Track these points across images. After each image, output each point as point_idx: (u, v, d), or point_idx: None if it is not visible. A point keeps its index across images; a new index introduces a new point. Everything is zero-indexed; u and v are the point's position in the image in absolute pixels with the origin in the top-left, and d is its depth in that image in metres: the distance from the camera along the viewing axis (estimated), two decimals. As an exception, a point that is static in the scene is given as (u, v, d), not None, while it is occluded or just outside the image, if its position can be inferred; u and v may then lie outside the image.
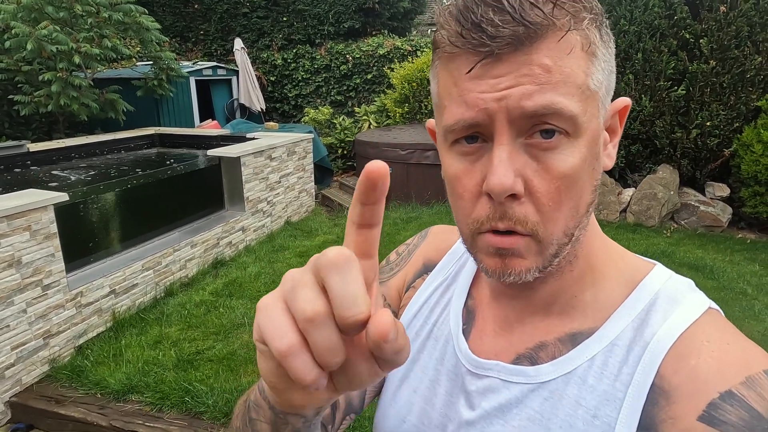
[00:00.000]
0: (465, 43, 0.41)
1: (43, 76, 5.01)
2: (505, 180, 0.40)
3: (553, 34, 0.40)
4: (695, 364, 0.42)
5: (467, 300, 0.60)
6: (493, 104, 0.41)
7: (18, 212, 2.70)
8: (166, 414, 2.63)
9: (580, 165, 0.43)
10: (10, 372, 2.73)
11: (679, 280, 0.49)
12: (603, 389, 0.45)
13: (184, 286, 3.96)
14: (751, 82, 4.87)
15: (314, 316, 0.29)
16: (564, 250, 0.46)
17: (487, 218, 0.44)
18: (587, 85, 0.42)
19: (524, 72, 0.40)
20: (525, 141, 0.42)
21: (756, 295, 3.82)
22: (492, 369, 0.52)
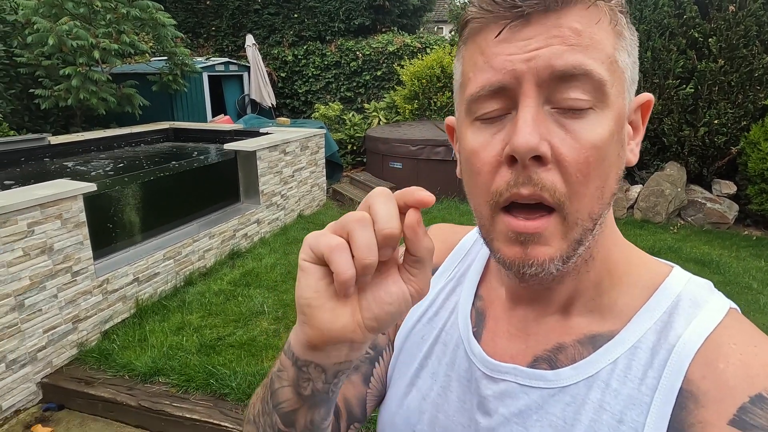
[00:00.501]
0: (496, 7, 0.41)
1: (63, 70, 5.13)
2: (530, 138, 0.39)
3: (582, 2, 0.40)
4: (724, 368, 0.41)
5: (476, 301, 0.58)
6: (521, 65, 0.40)
7: (51, 201, 2.81)
8: (191, 395, 2.74)
9: (609, 138, 0.41)
10: (41, 354, 2.85)
11: (699, 283, 0.49)
12: (628, 393, 0.44)
13: (203, 275, 4.08)
14: (759, 81, 4.94)
15: (361, 218, 0.37)
16: (587, 239, 0.44)
17: (508, 186, 0.42)
18: (615, 58, 0.42)
19: (554, 33, 0.40)
20: (552, 108, 0.41)
21: (761, 289, 3.90)
22: (509, 373, 0.50)
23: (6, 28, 5.63)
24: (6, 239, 2.59)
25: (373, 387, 0.62)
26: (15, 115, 5.75)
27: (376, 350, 0.62)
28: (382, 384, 0.62)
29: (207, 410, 2.62)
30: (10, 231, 2.61)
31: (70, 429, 2.70)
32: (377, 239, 0.36)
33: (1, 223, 2.56)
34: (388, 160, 6.43)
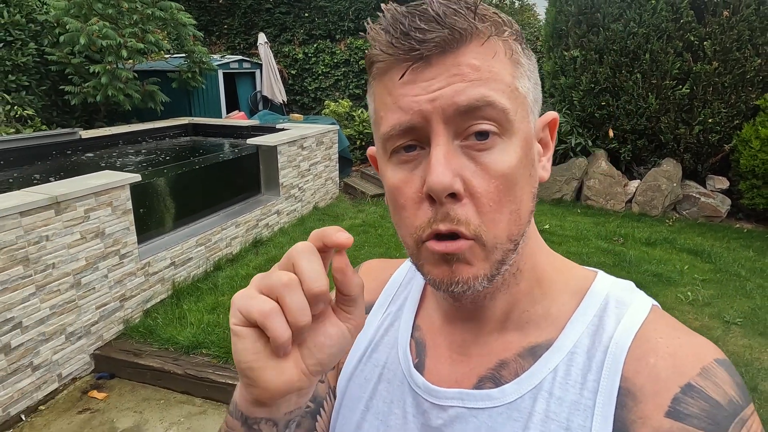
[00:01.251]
0: (396, 51, 0.42)
1: (93, 68, 5.41)
2: (443, 178, 0.41)
3: (477, 38, 0.42)
4: (654, 362, 0.43)
5: (414, 332, 0.58)
6: (426, 105, 0.42)
7: (103, 190, 3.11)
8: (231, 365, 3.04)
9: (517, 165, 0.43)
10: (94, 328, 3.15)
11: (622, 284, 0.51)
12: (571, 399, 0.45)
13: (230, 261, 4.38)
14: (751, 82, 5.24)
15: (288, 282, 0.37)
16: (510, 258, 0.45)
17: (429, 222, 0.43)
18: (515, 86, 0.44)
19: (454, 72, 0.42)
20: (462, 143, 0.43)
21: (749, 276, 4.21)
22: (455, 398, 0.50)
23: (37, 28, 5.91)
24: (67, 223, 2.88)
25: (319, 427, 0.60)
26: (45, 111, 6.04)
27: (317, 402, 0.59)
28: (327, 422, 0.61)
29: (247, 377, 2.92)
30: (70, 216, 2.90)
31: (123, 395, 3.00)
32: (308, 298, 0.37)
33: (63, 209, 2.85)
34: (397, 156, 6.72)
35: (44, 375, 2.85)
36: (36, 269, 2.72)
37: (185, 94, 7.34)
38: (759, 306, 3.71)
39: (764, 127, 5.15)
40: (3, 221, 2.52)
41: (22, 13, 5.83)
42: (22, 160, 4.63)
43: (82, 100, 5.75)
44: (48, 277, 2.79)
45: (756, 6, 5.01)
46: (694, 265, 4.44)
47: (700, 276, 4.19)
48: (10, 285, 2.59)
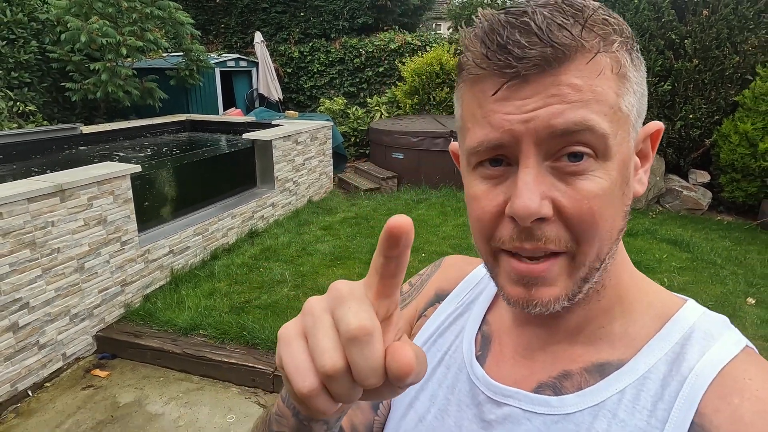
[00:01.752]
0: (490, 65, 0.40)
1: (93, 65, 5.57)
2: (530, 203, 0.39)
3: (582, 56, 0.39)
4: (738, 403, 0.40)
5: (482, 326, 0.58)
6: (519, 126, 0.40)
7: (105, 179, 3.27)
8: (227, 345, 3.21)
9: (611, 188, 0.41)
10: (96, 311, 3.31)
11: (714, 317, 0.47)
12: (635, 424, 0.42)
13: (226, 251, 4.54)
14: (730, 79, 5.42)
15: (333, 373, 0.31)
16: (593, 276, 0.44)
17: (510, 239, 0.42)
18: (619, 106, 0.41)
19: (552, 92, 0.39)
20: (552, 164, 0.41)
21: (724, 264, 4.40)
22: (512, 397, 0.49)
23: (38, 26, 6.07)
24: (72, 210, 3.05)
25: (381, 414, 0.62)
26: (46, 107, 6.20)
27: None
28: (388, 409, 0.61)
29: (242, 356, 3.09)
30: (74, 203, 3.07)
31: (124, 373, 3.16)
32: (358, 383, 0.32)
33: (68, 196, 3.02)
34: (390, 151, 6.89)
35: (50, 354, 3.01)
36: (42, 253, 2.89)
37: (183, 92, 7.51)
38: (731, 291, 3.89)
39: (743, 123, 5.33)
40: (12, 207, 2.69)
41: (25, 11, 5.99)
42: (24, 153, 4.78)
43: (82, 97, 5.91)
44: (53, 260, 2.96)
45: (734, 6, 5.19)
46: (672, 254, 4.62)
47: (677, 264, 4.37)
48: (18, 267, 2.76)
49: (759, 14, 5.19)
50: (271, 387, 2.97)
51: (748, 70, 5.38)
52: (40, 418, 2.74)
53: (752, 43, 5.25)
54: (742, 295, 3.84)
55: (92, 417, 2.76)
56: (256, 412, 2.80)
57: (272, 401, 2.28)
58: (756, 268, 4.34)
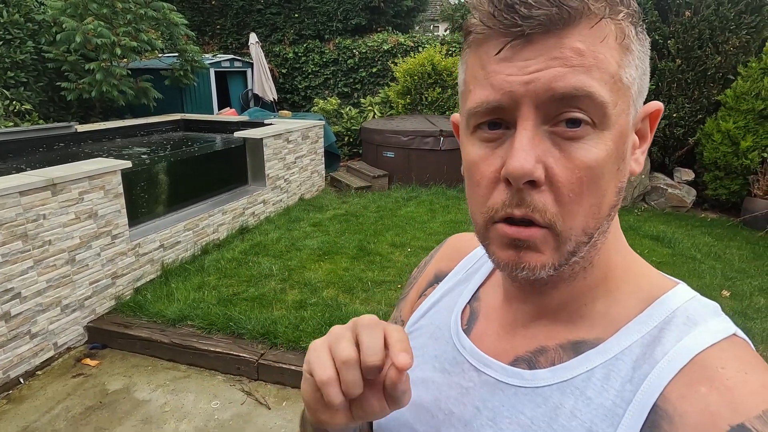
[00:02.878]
0: (496, 23, 0.40)
1: (89, 65, 5.67)
2: (525, 163, 0.40)
3: (587, 19, 0.40)
4: (706, 392, 0.39)
5: (472, 301, 0.60)
6: (519, 88, 0.40)
7: (96, 174, 3.37)
8: (214, 335, 3.30)
9: (605, 159, 0.41)
10: (87, 303, 3.41)
11: (703, 302, 0.46)
12: (601, 403, 0.43)
13: (217, 246, 4.64)
14: (712, 78, 5.54)
15: (347, 360, 0.42)
16: (581, 250, 0.44)
17: (503, 205, 0.43)
18: (620, 76, 0.41)
19: (555, 55, 0.39)
20: (550, 128, 0.41)
21: (703, 259, 4.50)
22: (490, 366, 0.51)
23: (34, 27, 6.18)
24: (63, 204, 3.14)
25: None
26: (42, 106, 6.30)
27: None
28: None
29: (228, 345, 3.19)
30: (65, 197, 3.16)
31: (114, 362, 3.26)
32: (362, 369, 0.42)
33: (59, 190, 3.12)
34: (381, 150, 7.00)
35: (41, 343, 3.11)
36: (34, 245, 2.98)
37: (178, 92, 7.61)
38: (707, 284, 3.99)
39: (725, 122, 5.44)
40: (4, 199, 2.79)
41: (21, 12, 6.10)
42: (20, 151, 4.88)
43: (77, 96, 6.01)
44: (45, 252, 3.05)
45: (715, 7, 5.30)
46: (653, 249, 4.73)
47: (657, 259, 4.48)
48: (10, 258, 2.85)
49: (740, 15, 5.30)
50: (255, 375, 3.06)
51: (730, 69, 5.49)
52: (31, 404, 2.83)
53: (733, 44, 5.37)
54: (718, 288, 3.94)
55: (81, 403, 2.85)
56: (240, 399, 2.90)
57: (256, 388, 2.37)
58: (734, 262, 4.44)
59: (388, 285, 3.93)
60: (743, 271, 4.26)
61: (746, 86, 5.27)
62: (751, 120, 5.31)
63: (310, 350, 0.45)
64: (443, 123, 7.08)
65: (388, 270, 4.20)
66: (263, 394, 2.94)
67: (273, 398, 2.91)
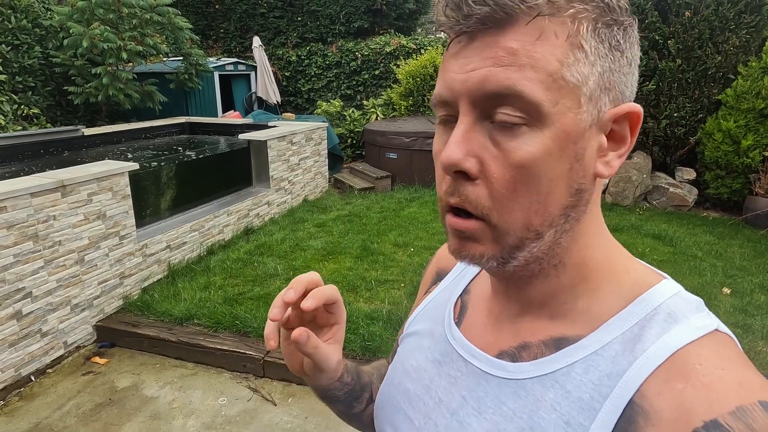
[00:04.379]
0: (446, 22, 0.43)
1: (95, 70, 5.76)
2: (452, 154, 0.41)
3: (523, 18, 0.40)
4: (682, 388, 0.39)
5: (463, 294, 0.62)
6: (458, 85, 0.42)
7: (104, 176, 3.43)
8: (220, 333, 3.36)
9: (542, 156, 0.41)
10: (96, 302, 3.47)
11: (685, 298, 0.46)
12: (579, 396, 0.44)
13: (222, 247, 4.70)
14: (713, 78, 5.56)
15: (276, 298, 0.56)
16: (529, 246, 0.45)
17: (445, 193, 0.45)
18: (561, 74, 0.41)
19: (489, 54, 0.41)
20: (489, 124, 0.42)
21: (704, 257, 4.53)
22: (476, 357, 0.53)
23: (42, 32, 6.27)
24: (72, 205, 3.21)
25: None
26: (50, 110, 6.39)
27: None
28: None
29: (234, 343, 3.24)
30: (75, 198, 3.23)
31: (123, 360, 3.32)
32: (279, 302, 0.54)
33: (69, 192, 3.18)
34: (384, 151, 7.06)
35: (51, 341, 3.17)
36: (44, 245, 3.05)
37: (182, 95, 7.69)
38: (708, 282, 4.02)
39: (726, 121, 5.46)
40: (16, 200, 2.85)
41: (29, 18, 6.19)
42: (29, 154, 4.97)
43: (84, 100, 6.09)
44: (55, 252, 3.12)
45: (715, 7, 5.34)
46: (655, 248, 4.76)
47: (658, 257, 4.51)
48: (21, 258, 2.92)
49: (739, 15, 5.33)
50: (261, 372, 3.12)
51: (730, 69, 5.52)
52: (42, 401, 2.90)
53: (733, 43, 5.40)
54: (719, 285, 3.97)
55: (91, 400, 2.91)
56: (246, 395, 2.95)
57: (262, 385, 2.46)
58: (735, 260, 4.47)
59: (391, 284, 3.98)
60: (744, 268, 4.28)
61: (746, 85, 5.30)
62: (751, 119, 5.33)
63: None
64: (445, 124, 7.11)
65: (391, 269, 4.25)
66: (269, 390, 2.99)
67: (279, 395, 2.96)
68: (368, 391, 0.71)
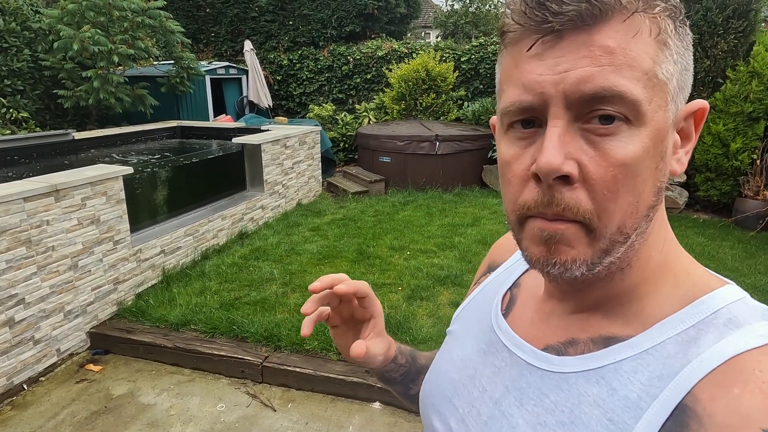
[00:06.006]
0: (528, 21, 0.41)
1: (86, 73, 5.69)
2: (553, 159, 0.40)
3: (619, 14, 0.39)
4: (739, 393, 0.37)
5: (512, 287, 0.62)
6: (549, 87, 0.40)
7: (98, 180, 3.39)
8: (217, 339, 3.32)
9: (642, 155, 0.40)
10: (90, 308, 3.42)
11: (751, 304, 0.44)
12: (626, 395, 0.43)
13: (217, 251, 4.66)
14: (702, 82, 5.65)
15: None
16: (616, 250, 0.43)
17: (535, 203, 0.43)
18: (654, 72, 0.40)
19: (584, 53, 0.39)
20: (582, 125, 0.41)
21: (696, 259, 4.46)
22: (521, 349, 0.53)
23: (31, 35, 6.18)
24: (66, 210, 3.16)
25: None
26: (39, 114, 6.30)
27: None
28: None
29: (232, 348, 3.21)
30: (68, 203, 3.18)
31: (118, 367, 3.27)
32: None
33: (62, 196, 3.13)
34: (377, 155, 7.05)
35: (44, 349, 3.11)
36: (37, 250, 3.00)
37: (174, 99, 7.63)
38: (701, 283, 4.06)
39: (715, 124, 5.55)
40: (8, 205, 2.80)
41: (17, 21, 6.11)
42: (18, 158, 4.89)
43: (74, 104, 6.02)
44: (48, 258, 3.07)
45: (704, 12, 5.42)
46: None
47: (652, 259, 4.55)
48: (14, 264, 2.86)
49: (727, 20, 5.42)
50: (259, 378, 3.08)
51: (719, 73, 5.61)
52: (35, 410, 2.83)
53: (722, 48, 5.48)
54: (712, 286, 4.01)
55: (86, 408, 2.86)
56: (245, 401, 2.92)
57: (260, 391, 2.43)
58: (727, 262, 4.53)
59: (389, 287, 3.97)
60: (736, 270, 4.34)
61: (735, 89, 5.39)
62: (740, 122, 5.42)
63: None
64: (438, 128, 7.15)
65: (387, 273, 4.24)
66: (268, 396, 2.96)
67: (278, 400, 2.93)
68: (425, 373, 0.72)
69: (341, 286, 0.60)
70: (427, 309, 3.63)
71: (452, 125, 7.54)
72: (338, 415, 2.81)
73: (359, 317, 0.68)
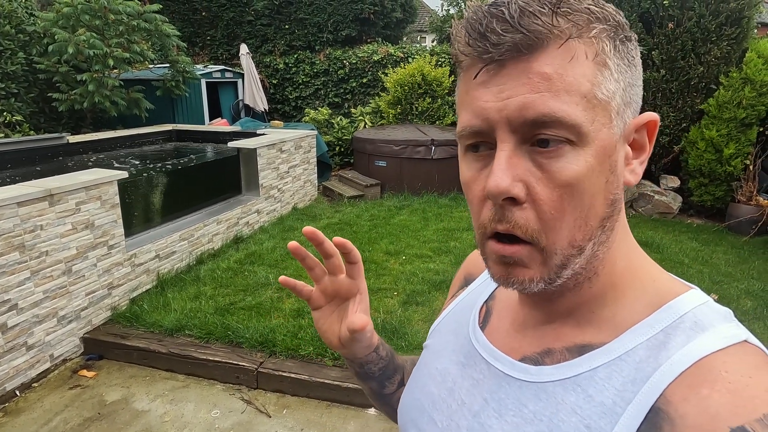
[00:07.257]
0: (471, 52, 0.43)
1: (81, 76, 5.67)
2: (500, 182, 0.42)
3: (555, 42, 0.41)
4: (707, 394, 0.39)
5: (488, 300, 0.63)
6: (494, 114, 0.42)
7: (93, 185, 3.37)
8: (212, 345, 3.31)
9: (586, 174, 0.42)
10: (84, 313, 3.39)
11: (714, 308, 0.46)
12: (601, 401, 0.44)
13: (212, 256, 4.64)
14: (695, 88, 5.70)
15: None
16: (573, 263, 0.45)
17: (490, 221, 0.45)
18: (593, 93, 0.42)
19: (523, 81, 0.41)
20: (530, 147, 0.43)
21: (690, 264, 4.60)
22: (499, 361, 0.54)
23: (25, 38, 6.16)
24: (60, 214, 3.14)
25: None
26: (33, 117, 6.27)
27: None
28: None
29: (226, 354, 3.19)
30: (63, 208, 3.16)
31: (111, 373, 3.24)
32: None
33: (57, 200, 3.12)
34: (373, 159, 7.06)
35: (37, 354, 3.09)
36: (31, 255, 2.98)
37: (169, 102, 7.61)
38: (695, 288, 4.08)
39: (708, 130, 5.59)
40: (2, 210, 2.78)
41: (12, 24, 6.08)
42: (12, 162, 4.86)
43: (69, 107, 5.99)
44: (42, 263, 3.05)
45: (697, 19, 5.47)
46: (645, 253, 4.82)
47: (646, 264, 4.57)
48: (7, 269, 2.84)
49: (720, 27, 5.47)
50: (254, 383, 3.07)
51: (712, 79, 5.66)
52: (28, 416, 2.81)
53: (715, 54, 5.53)
54: (706, 291, 3.96)
55: (80, 414, 2.83)
56: (240, 407, 2.90)
57: (255, 397, 2.42)
58: (721, 266, 4.55)
59: (384, 292, 3.97)
60: (729, 274, 4.37)
61: (728, 95, 5.43)
62: (733, 128, 5.47)
63: None
64: (434, 132, 7.16)
65: (383, 278, 4.23)
66: (263, 402, 2.95)
67: (273, 406, 2.92)
68: (401, 373, 0.74)
69: (338, 238, 0.62)
70: (422, 314, 3.63)
71: (448, 130, 7.55)
72: (333, 421, 2.80)
73: (345, 292, 0.66)
